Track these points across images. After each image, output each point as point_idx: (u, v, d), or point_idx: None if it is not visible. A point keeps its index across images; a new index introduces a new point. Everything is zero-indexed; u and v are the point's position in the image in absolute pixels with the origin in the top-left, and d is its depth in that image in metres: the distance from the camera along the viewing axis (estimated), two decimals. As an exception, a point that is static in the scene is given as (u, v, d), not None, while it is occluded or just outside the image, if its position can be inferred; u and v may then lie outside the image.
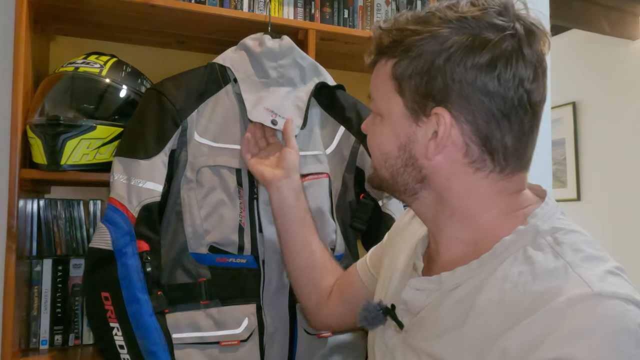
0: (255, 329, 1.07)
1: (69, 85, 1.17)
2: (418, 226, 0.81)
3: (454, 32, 0.60)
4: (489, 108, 0.60)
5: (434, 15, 0.62)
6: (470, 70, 0.59)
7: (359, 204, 1.25)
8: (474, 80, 0.59)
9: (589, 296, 0.51)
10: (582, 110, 3.41)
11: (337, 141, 1.25)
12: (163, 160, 1.07)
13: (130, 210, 1.02)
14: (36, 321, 1.28)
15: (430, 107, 0.62)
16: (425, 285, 0.67)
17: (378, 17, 1.57)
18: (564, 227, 0.61)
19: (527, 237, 0.61)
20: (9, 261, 1.10)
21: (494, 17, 0.60)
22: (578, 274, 0.54)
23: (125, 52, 1.44)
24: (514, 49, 0.59)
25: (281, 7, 1.42)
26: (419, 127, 0.64)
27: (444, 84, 0.60)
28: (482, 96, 0.60)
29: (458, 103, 0.61)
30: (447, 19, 0.61)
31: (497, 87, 0.59)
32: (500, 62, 0.59)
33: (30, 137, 1.14)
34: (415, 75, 0.62)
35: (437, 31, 0.61)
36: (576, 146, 3.45)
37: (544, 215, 0.62)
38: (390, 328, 0.72)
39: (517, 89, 0.60)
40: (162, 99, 1.09)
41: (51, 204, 1.38)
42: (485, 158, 0.63)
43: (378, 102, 0.69)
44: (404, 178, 0.67)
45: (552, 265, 0.56)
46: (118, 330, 0.97)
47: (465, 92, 0.60)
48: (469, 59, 0.59)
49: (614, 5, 2.81)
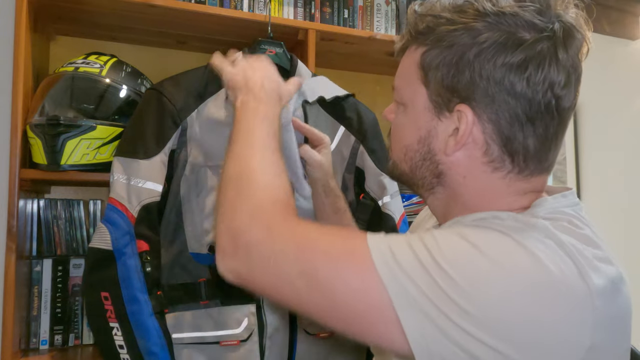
0: (255, 329, 1.07)
1: (69, 85, 1.17)
2: (433, 222, 0.80)
3: (489, 27, 0.58)
4: (514, 109, 0.58)
5: (471, 6, 0.60)
6: (499, 68, 0.57)
7: (359, 204, 1.25)
8: (502, 79, 0.57)
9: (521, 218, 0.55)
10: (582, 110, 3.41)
11: (337, 141, 1.25)
12: (163, 160, 1.07)
13: (130, 210, 1.02)
14: (36, 321, 1.28)
15: (454, 102, 0.61)
16: None
17: (378, 17, 1.57)
18: (563, 217, 0.59)
19: (516, 216, 0.59)
20: (9, 261, 1.10)
21: (533, 15, 0.58)
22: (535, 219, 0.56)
23: (125, 52, 1.44)
24: (548, 52, 0.57)
25: (281, 7, 1.42)
26: (441, 121, 0.62)
27: (470, 79, 0.58)
28: (508, 96, 0.58)
29: (482, 101, 0.59)
30: (484, 11, 0.59)
31: (525, 88, 0.57)
32: (532, 63, 0.57)
33: (30, 137, 1.14)
34: (442, 66, 0.60)
35: (472, 24, 0.58)
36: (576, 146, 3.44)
37: (550, 205, 0.61)
38: None
39: (546, 93, 0.58)
40: (162, 99, 1.09)
41: (51, 204, 1.38)
42: (505, 159, 0.61)
43: (402, 91, 0.67)
44: (422, 172, 0.66)
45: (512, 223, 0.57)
46: (118, 330, 0.97)
47: (492, 91, 0.58)
48: (500, 57, 0.57)
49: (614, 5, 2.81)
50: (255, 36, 1.28)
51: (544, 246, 0.52)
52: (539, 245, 0.52)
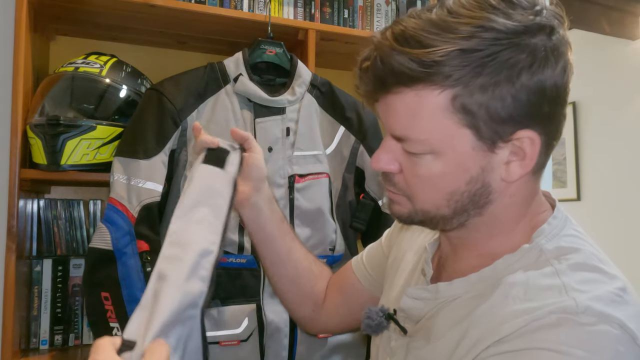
0: (255, 329, 1.07)
1: (69, 85, 1.17)
2: (423, 236, 0.78)
3: (512, 48, 0.52)
4: (561, 113, 0.57)
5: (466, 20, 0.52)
6: (544, 82, 0.53)
7: (359, 204, 1.25)
8: (550, 92, 0.54)
9: (574, 312, 0.49)
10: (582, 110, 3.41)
11: (337, 141, 1.25)
12: (163, 160, 1.07)
13: (130, 210, 1.02)
14: (36, 321, 1.28)
15: (509, 131, 0.55)
16: (422, 295, 0.66)
17: (378, 17, 1.57)
18: (570, 246, 0.58)
19: (529, 257, 0.58)
20: (9, 261, 1.10)
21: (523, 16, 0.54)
22: (572, 297, 0.51)
23: (125, 52, 1.44)
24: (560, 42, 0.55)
25: (281, 7, 1.42)
26: (496, 154, 0.56)
27: (527, 101, 0.53)
28: (557, 106, 0.56)
29: (541, 121, 0.55)
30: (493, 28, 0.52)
31: (565, 91, 0.56)
32: (566, 64, 0.55)
33: (30, 137, 1.14)
34: (492, 102, 0.53)
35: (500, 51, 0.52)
36: (576, 146, 3.44)
37: (549, 232, 0.60)
38: (395, 332, 0.71)
39: (569, 80, 0.56)
40: (162, 99, 1.09)
41: (51, 204, 1.38)
42: (545, 161, 0.59)
43: (428, 141, 0.56)
44: (467, 211, 0.60)
45: (547, 283, 0.54)
46: (118, 331, 0.97)
47: (546, 109, 0.55)
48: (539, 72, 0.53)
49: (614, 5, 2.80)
50: (255, 36, 1.28)
51: None
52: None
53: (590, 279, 0.54)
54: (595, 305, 0.50)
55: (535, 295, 0.53)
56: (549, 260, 0.57)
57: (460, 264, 0.66)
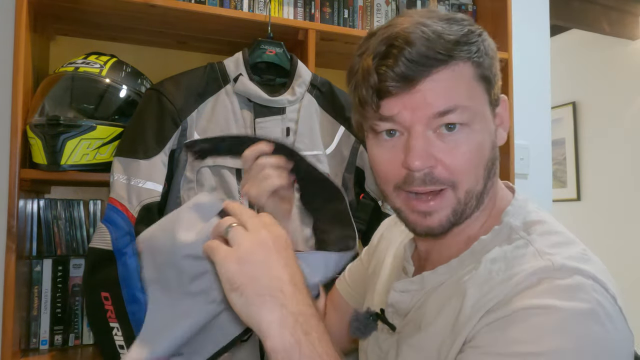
0: (255, 329, 1.07)
1: (69, 85, 1.17)
2: (399, 231, 0.82)
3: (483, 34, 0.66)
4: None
5: (455, 15, 0.65)
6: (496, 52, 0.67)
7: (359, 204, 1.25)
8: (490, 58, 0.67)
9: (551, 270, 0.55)
10: (582, 110, 3.41)
11: (337, 141, 1.25)
12: (163, 160, 1.07)
13: (130, 210, 1.02)
14: (36, 321, 1.28)
15: (497, 94, 0.66)
16: (409, 287, 0.68)
17: (378, 17, 1.57)
18: (535, 219, 0.65)
19: (502, 235, 0.64)
20: (9, 261, 1.10)
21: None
22: (547, 259, 0.57)
23: (125, 52, 1.44)
24: None
25: (281, 7, 1.42)
26: (493, 119, 0.66)
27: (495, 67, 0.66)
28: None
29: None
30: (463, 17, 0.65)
31: None
32: None
33: (30, 137, 1.14)
34: (494, 71, 0.65)
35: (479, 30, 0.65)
36: (576, 146, 3.44)
37: (515, 212, 0.66)
38: (383, 332, 0.72)
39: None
40: (162, 99, 1.09)
41: (51, 204, 1.38)
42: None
43: (469, 110, 0.61)
44: (490, 179, 0.65)
45: (522, 252, 0.60)
46: (118, 330, 0.97)
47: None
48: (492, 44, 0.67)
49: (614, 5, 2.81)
50: (255, 36, 1.28)
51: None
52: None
53: (558, 242, 0.61)
54: (569, 263, 0.56)
55: (515, 265, 0.59)
56: (519, 234, 0.63)
57: (440, 254, 0.69)
